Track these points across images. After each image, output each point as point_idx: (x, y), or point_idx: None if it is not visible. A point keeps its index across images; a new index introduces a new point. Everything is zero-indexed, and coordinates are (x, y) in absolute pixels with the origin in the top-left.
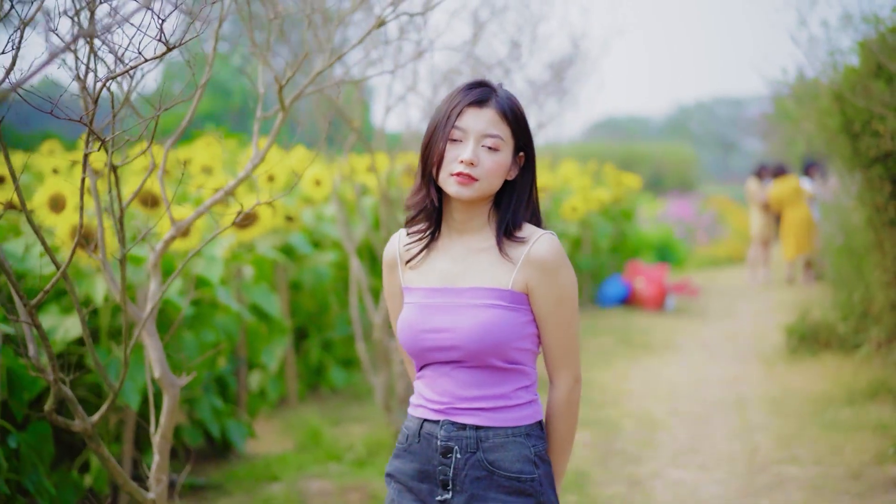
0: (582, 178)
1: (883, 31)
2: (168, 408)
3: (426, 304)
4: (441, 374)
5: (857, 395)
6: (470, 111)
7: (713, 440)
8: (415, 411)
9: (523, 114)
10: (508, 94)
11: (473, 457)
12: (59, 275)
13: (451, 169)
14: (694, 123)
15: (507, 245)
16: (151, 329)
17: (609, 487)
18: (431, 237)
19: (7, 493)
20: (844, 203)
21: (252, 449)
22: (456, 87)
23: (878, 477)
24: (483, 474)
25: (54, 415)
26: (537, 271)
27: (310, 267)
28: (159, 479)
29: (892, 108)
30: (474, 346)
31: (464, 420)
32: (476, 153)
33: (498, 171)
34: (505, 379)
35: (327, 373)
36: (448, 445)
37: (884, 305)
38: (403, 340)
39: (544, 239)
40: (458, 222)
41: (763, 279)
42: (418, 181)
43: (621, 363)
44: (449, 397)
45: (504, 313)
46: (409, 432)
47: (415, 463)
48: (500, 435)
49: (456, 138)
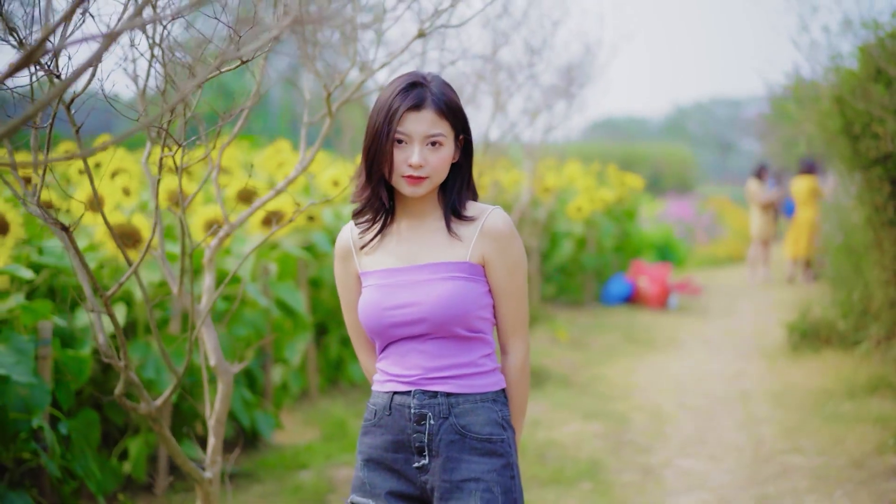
0: (586, 178)
1: (882, 37)
2: (222, 393)
3: (387, 284)
4: (408, 349)
5: (857, 390)
6: (409, 115)
7: (720, 432)
8: (382, 387)
9: (458, 103)
10: (441, 86)
11: (446, 422)
12: (132, 271)
13: (402, 171)
14: (692, 124)
15: (456, 224)
16: (208, 320)
17: (623, 475)
18: (384, 223)
19: (59, 476)
20: (844, 203)
21: (278, 439)
22: (390, 87)
23: (879, 466)
24: (456, 438)
25: (123, 398)
26: (492, 242)
27: (330, 265)
28: (214, 460)
29: (892, 111)
30: (439, 316)
31: (435, 388)
32: (422, 155)
33: (445, 165)
34: (470, 347)
35: (346, 367)
36: (422, 413)
37: (883, 303)
38: (367, 321)
39: (496, 213)
40: (410, 207)
41: (763, 278)
42: (363, 180)
43: (627, 359)
44: (419, 370)
45: (464, 284)
46: (378, 407)
47: (387, 435)
48: (470, 400)
49: (400, 140)
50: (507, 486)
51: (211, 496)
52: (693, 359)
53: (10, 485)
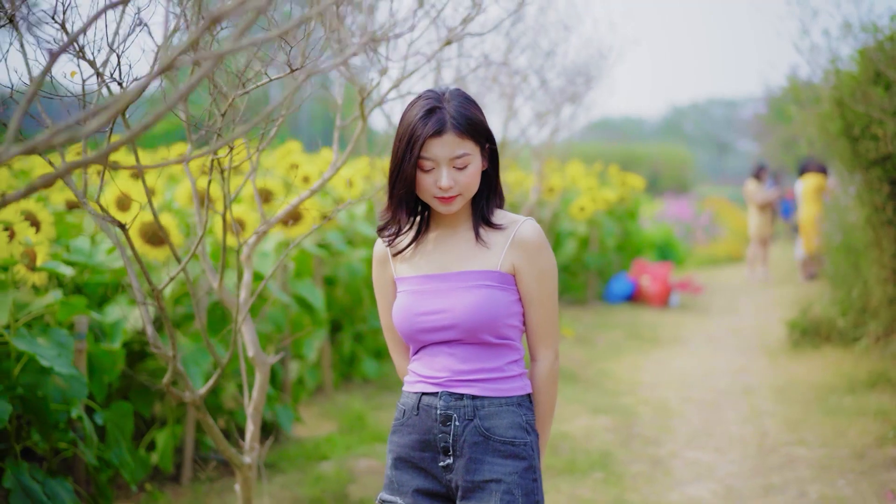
0: (588, 178)
1: (881, 40)
2: (260, 383)
3: (420, 290)
4: (438, 352)
5: (857, 385)
6: (431, 142)
7: (725, 425)
8: (412, 388)
9: (478, 118)
10: (460, 105)
11: (471, 424)
12: (181, 267)
13: (433, 193)
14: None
15: (486, 231)
16: (246, 315)
17: (633, 466)
18: (417, 233)
19: (96, 464)
20: (843, 203)
21: (297, 433)
22: (409, 112)
23: (880, 457)
24: (480, 439)
25: (170, 386)
26: (523, 252)
27: (344, 263)
28: (253, 446)
29: (891, 113)
30: (469, 323)
31: (461, 391)
32: (450, 177)
33: (475, 180)
34: (497, 354)
35: (360, 363)
36: (447, 414)
37: (882, 301)
38: (400, 325)
39: (528, 223)
40: (442, 216)
41: (762, 277)
42: (390, 205)
43: (632, 355)
44: (447, 372)
45: (494, 292)
46: (406, 407)
47: (414, 434)
48: (495, 404)
49: (427, 168)
50: (528, 489)
51: (249, 481)
52: (696, 355)
53: (49, 473)
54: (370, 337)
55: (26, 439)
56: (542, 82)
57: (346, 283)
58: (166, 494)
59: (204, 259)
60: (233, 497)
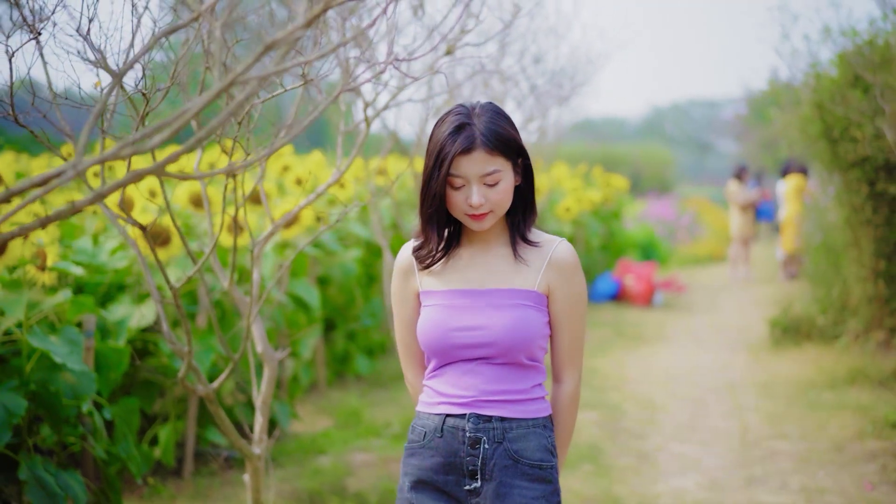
0: (573, 179)
1: (860, 44)
2: (268, 377)
3: (453, 305)
4: (466, 370)
5: (837, 381)
6: (461, 159)
7: (709, 419)
8: (432, 409)
9: (509, 133)
10: (490, 120)
11: (500, 447)
12: (198, 267)
13: (464, 210)
14: (669, 125)
15: (523, 248)
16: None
17: (620, 459)
18: (448, 247)
19: (105, 458)
20: (823, 203)
21: (294, 429)
22: (439, 128)
23: (859, 450)
24: (509, 463)
25: (185, 380)
26: (559, 274)
27: (338, 263)
28: (262, 437)
29: (869, 116)
30: (507, 342)
31: (489, 412)
32: (481, 194)
33: (507, 197)
34: (526, 375)
35: (353, 361)
36: (477, 437)
37: (861, 299)
38: (429, 339)
39: (564, 245)
40: (475, 232)
41: (744, 276)
42: (422, 223)
43: (618, 353)
44: (474, 391)
45: (531, 312)
46: (427, 429)
47: (437, 457)
48: (523, 426)
49: (457, 186)
50: None
51: (258, 471)
52: (681, 352)
53: (59, 466)
54: (362, 335)
55: (36, 434)
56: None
57: (340, 282)
58: (168, 488)
59: (213, 259)
60: (233, 490)
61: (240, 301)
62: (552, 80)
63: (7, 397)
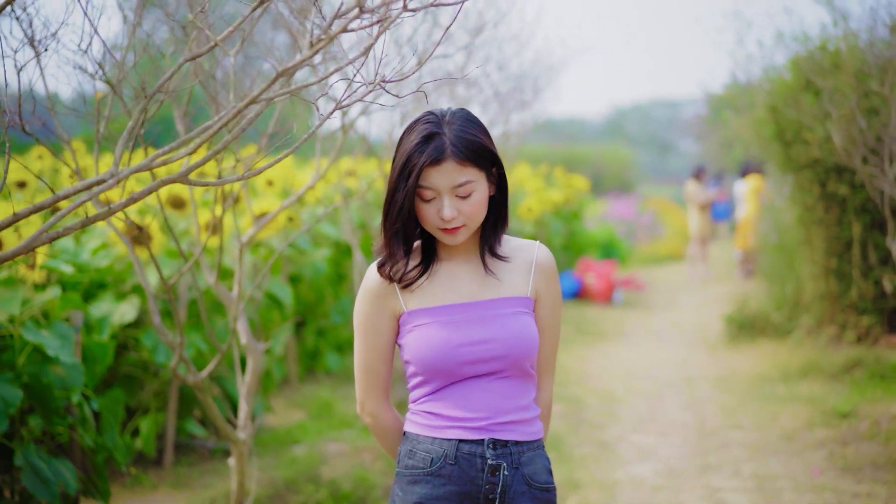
0: (535, 180)
1: (812, 49)
2: (252, 368)
3: (453, 321)
4: (476, 388)
5: (790, 374)
6: (430, 171)
7: (667, 411)
8: (439, 433)
9: (480, 142)
10: (460, 129)
11: (517, 472)
12: (190, 263)
13: (436, 224)
14: (630, 125)
15: (492, 262)
16: (241, 308)
17: (581, 448)
18: (430, 262)
19: (93, 447)
20: (778, 203)
21: (268, 422)
22: (407, 137)
23: (809, 439)
24: (525, 488)
25: (176, 369)
26: (544, 278)
27: (309, 262)
28: (246, 424)
29: (820, 120)
30: (516, 352)
31: (505, 437)
32: (453, 206)
33: (481, 209)
34: (529, 386)
35: (323, 357)
36: (497, 463)
37: (813, 296)
38: (431, 359)
39: (545, 248)
40: (451, 245)
41: (702, 274)
42: (386, 239)
43: (580, 349)
44: (488, 411)
45: (529, 319)
46: (434, 455)
47: (451, 486)
48: (531, 448)
49: (428, 198)
50: None
51: (243, 455)
52: (640, 348)
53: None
54: (332, 332)
55: (25, 425)
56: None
57: (311, 280)
58: (150, 477)
59: (201, 257)
60: (211, 479)
61: (225, 297)
62: (516, 86)
63: (3, 388)
